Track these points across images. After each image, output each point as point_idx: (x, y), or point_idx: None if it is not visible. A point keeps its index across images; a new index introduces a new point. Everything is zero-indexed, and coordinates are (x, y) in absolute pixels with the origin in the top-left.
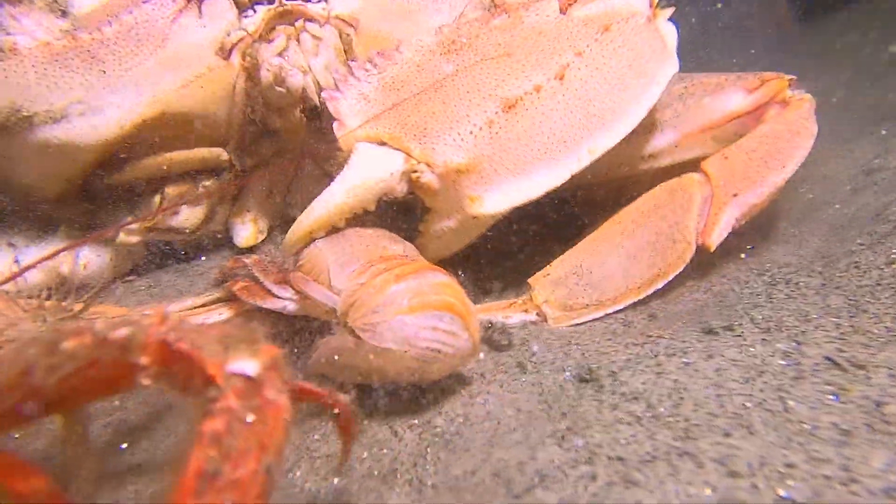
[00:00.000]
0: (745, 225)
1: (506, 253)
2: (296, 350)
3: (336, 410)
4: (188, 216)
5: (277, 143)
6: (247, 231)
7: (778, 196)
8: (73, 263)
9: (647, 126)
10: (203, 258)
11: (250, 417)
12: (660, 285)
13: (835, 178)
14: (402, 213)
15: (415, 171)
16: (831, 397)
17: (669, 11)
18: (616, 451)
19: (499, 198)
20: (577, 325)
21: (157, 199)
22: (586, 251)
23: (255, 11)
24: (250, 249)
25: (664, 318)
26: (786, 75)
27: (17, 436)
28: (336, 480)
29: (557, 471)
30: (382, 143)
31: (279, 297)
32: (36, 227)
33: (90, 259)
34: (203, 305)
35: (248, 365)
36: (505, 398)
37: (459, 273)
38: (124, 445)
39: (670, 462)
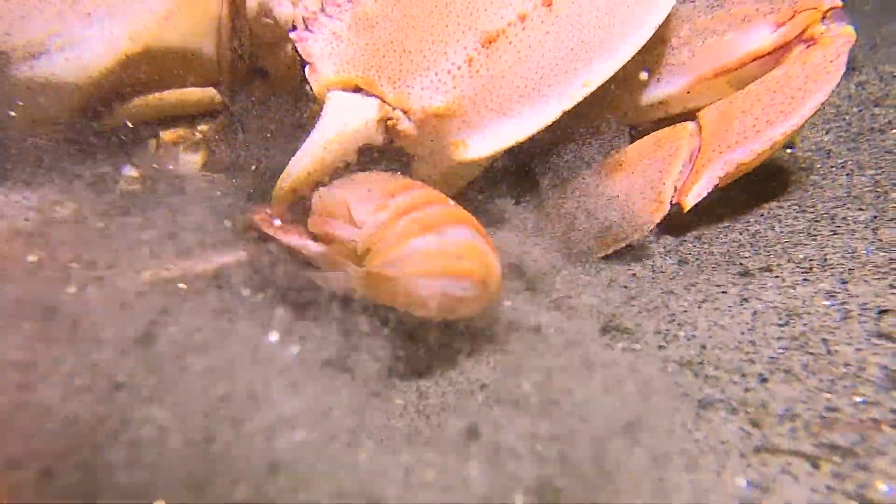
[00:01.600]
0: (788, 154)
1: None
2: None
3: None
4: (187, 162)
5: (271, 83)
6: (245, 176)
7: (777, 150)
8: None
9: (657, 66)
10: None
11: None
12: (621, 244)
13: None
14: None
15: (390, 119)
16: (882, 339)
17: None
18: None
19: (484, 141)
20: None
21: (152, 143)
22: (563, 201)
23: None
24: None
25: (696, 263)
26: (825, 2)
27: None
28: None
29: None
30: (357, 89)
31: (298, 237)
32: (29, 174)
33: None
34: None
35: None
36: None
37: None
38: None
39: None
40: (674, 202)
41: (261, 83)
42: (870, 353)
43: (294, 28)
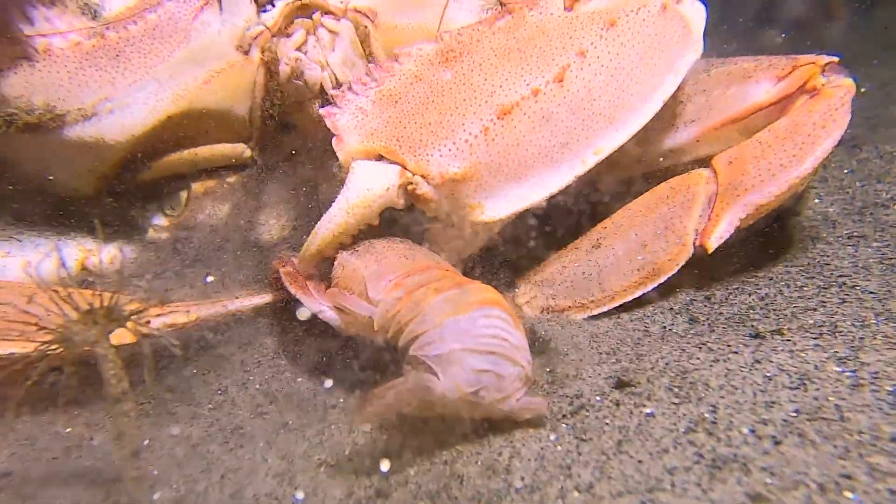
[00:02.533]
0: (794, 222)
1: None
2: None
3: None
4: (214, 212)
5: (298, 138)
6: (271, 226)
7: (795, 193)
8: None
9: (667, 120)
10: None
11: None
12: (649, 287)
13: None
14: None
15: (411, 184)
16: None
17: None
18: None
19: (500, 204)
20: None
21: (183, 195)
22: (578, 251)
23: (273, 6)
24: (273, 246)
25: (707, 322)
26: (824, 57)
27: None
28: None
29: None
30: (380, 158)
31: (318, 301)
32: (69, 224)
33: (117, 255)
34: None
35: None
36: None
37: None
38: None
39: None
40: (697, 245)
41: (288, 138)
42: (883, 422)
43: (322, 90)
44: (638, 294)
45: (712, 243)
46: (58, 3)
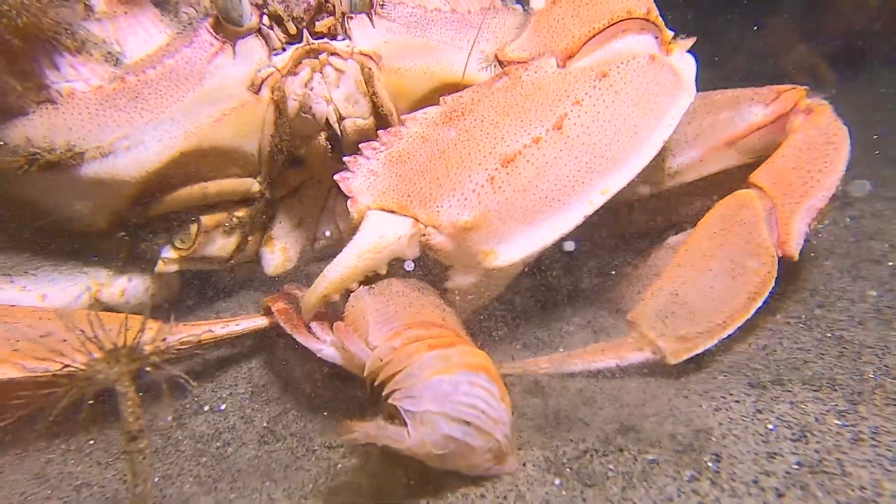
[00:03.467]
0: (790, 276)
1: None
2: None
3: None
4: (222, 245)
5: (304, 172)
6: (276, 259)
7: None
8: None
9: (670, 146)
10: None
11: None
12: (760, 303)
13: (892, 233)
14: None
15: (423, 235)
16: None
17: (689, 43)
18: None
19: (512, 248)
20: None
21: (193, 228)
22: (676, 278)
23: (284, 50)
24: (279, 278)
25: (707, 369)
26: (799, 86)
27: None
28: None
29: None
30: (392, 213)
31: (318, 338)
32: (82, 257)
33: (128, 287)
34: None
35: None
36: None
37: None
38: None
39: None
40: (779, 255)
41: (294, 173)
42: (885, 479)
43: (328, 123)
44: (754, 310)
45: (794, 250)
46: (83, 52)
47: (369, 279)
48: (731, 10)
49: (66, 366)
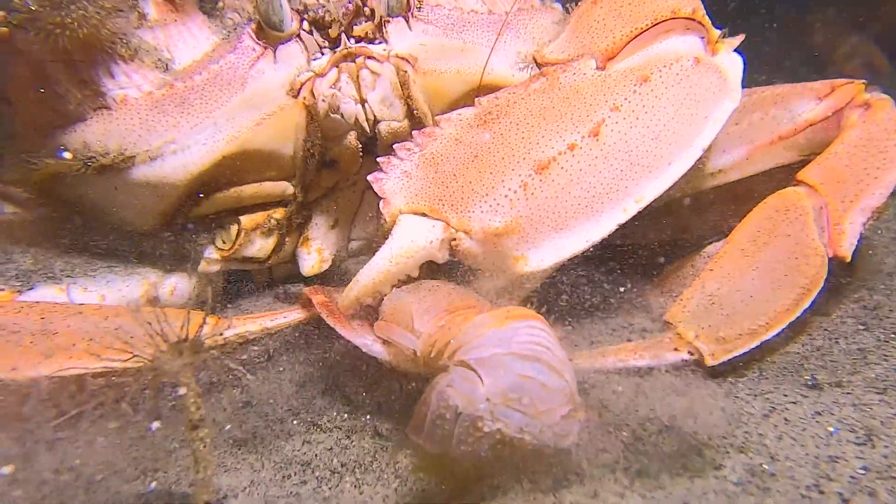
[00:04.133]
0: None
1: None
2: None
3: None
4: (261, 246)
5: (337, 174)
6: (311, 260)
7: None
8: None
9: (714, 145)
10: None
11: None
12: (807, 304)
13: None
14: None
15: (454, 240)
16: None
17: (736, 41)
18: None
19: (543, 254)
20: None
21: (233, 229)
22: (716, 279)
23: (323, 54)
24: (314, 278)
25: (758, 369)
26: (857, 79)
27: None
28: None
29: None
30: (424, 216)
31: (361, 335)
32: (132, 258)
33: (177, 285)
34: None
35: None
36: None
37: None
38: None
39: None
40: (830, 256)
41: (328, 174)
42: None
43: (357, 122)
44: (800, 312)
45: (846, 250)
46: (136, 59)
47: (401, 282)
48: (775, 1)
49: (135, 355)
